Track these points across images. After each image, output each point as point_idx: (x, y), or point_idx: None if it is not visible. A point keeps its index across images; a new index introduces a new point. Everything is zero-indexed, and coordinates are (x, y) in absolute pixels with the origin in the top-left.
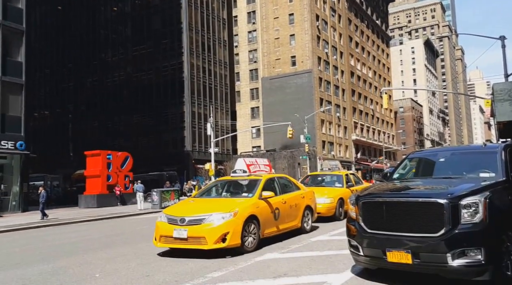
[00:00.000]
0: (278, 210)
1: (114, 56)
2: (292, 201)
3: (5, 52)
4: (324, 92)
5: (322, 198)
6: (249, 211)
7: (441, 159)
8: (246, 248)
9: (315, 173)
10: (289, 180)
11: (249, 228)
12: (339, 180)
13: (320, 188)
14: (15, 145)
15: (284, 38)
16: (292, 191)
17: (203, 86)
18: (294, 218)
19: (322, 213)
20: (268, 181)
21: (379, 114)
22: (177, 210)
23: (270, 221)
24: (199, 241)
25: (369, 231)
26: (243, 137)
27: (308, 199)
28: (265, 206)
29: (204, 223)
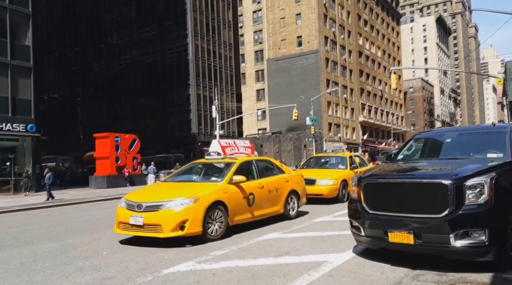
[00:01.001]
0: (253, 196)
1: (120, 39)
2: (272, 186)
3: (13, 36)
4: (331, 73)
5: (325, 180)
6: (213, 197)
7: (447, 139)
8: (210, 236)
9: (319, 155)
10: (272, 163)
11: (213, 215)
12: (343, 162)
13: (323, 170)
14: (26, 128)
15: (290, 17)
16: (274, 175)
17: (208, 68)
18: (275, 204)
19: (324, 195)
20: (243, 164)
21: (388, 95)
22: (138, 196)
23: (242, 207)
24: (155, 229)
25: (371, 212)
26: (249, 120)
27: (293, 183)
28: (236, 191)
29: (162, 209)
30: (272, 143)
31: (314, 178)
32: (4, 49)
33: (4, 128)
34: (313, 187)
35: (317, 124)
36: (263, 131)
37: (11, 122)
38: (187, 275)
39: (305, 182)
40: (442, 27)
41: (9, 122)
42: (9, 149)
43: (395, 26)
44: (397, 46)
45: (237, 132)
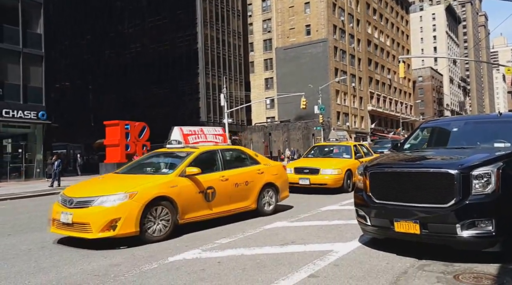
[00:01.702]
0: (212, 190)
1: (130, 28)
2: (240, 178)
3: (25, 24)
4: (339, 62)
5: (329, 169)
6: (155, 191)
7: (454, 128)
8: (150, 236)
9: (322, 144)
10: (243, 153)
11: (156, 213)
12: (347, 151)
13: (327, 159)
14: (37, 115)
15: (298, 6)
16: (244, 166)
17: (217, 57)
18: (244, 198)
19: (329, 184)
20: (203, 154)
21: (397, 83)
22: (75, 189)
23: (196, 203)
24: (84, 228)
25: (377, 202)
26: (257, 108)
27: (270, 175)
28: (188, 185)
29: (92, 206)
30: (281, 131)
31: (318, 167)
32: (16, 37)
33: (15, 115)
34: (317, 177)
35: (325, 113)
36: (272, 119)
37: (22, 110)
38: (193, 263)
39: (309, 171)
40: (452, 16)
41: (20, 109)
42: (20, 136)
43: (404, 15)
44: (406, 35)
45: (246, 120)
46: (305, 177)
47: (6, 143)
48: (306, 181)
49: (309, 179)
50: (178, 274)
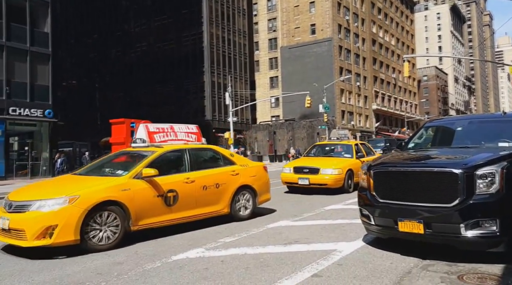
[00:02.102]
0: (174, 193)
1: (136, 27)
2: (210, 180)
3: (32, 23)
4: (344, 61)
5: (329, 169)
6: (101, 196)
7: (458, 128)
8: (94, 245)
9: (323, 143)
10: (216, 153)
11: (102, 219)
12: (348, 150)
13: (327, 159)
14: (43, 113)
15: (303, 5)
16: (216, 167)
17: (223, 55)
18: (215, 202)
19: (329, 184)
20: (167, 154)
21: (402, 83)
22: (20, 192)
23: (154, 207)
24: (19, 235)
25: (381, 201)
26: (262, 107)
27: (247, 176)
28: (144, 188)
29: (29, 211)
30: (286, 130)
31: (318, 166)
32: (23, 36)
33: (22, 113)
34: (317, 177)
35: (330, 112)
36: (277, 118)
37: (29, 108)
38: (196, 261)
39: (309, 171)
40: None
41: (27, 107)
42: (27, 134)
43: (409, 14)
44: (411, 34)
45: (251, 119)
46: (304, 176)
47: (12, 141)
48: (305, 181)
49: (309, 179)
50: (181, 273)
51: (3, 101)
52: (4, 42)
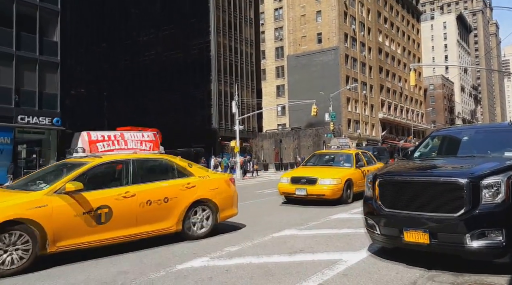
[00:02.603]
0: (107, 209)
1: (145, 36)
2: (155, 194)
3: (42, 32)
4: (350, 70)
5: (328, 179)
6: (7, 214)
7: (465, 137)
8: None
9: (322, 152)
10: (170, 164)
11: (8, 240)
12: (348, 159)
13: (326, 168)
14: (51, 121)
15: (310, 15)
16: (167, 179)
17: (230, 64)
18: (161, 218)
19: (327, 195)
20: (103, 166)
21: (408, 91)
22: None
23: (80, 226)
24: None
25: (386, 210)
26: (269, 115)
27: (205, 190)
28: (67, 204)
29: None
30: (292, 138)
31: (315, 177)
32: (33, 45)
33: (31, 121)
34: (314, 187)
35: (336, 120)
36: (283, 126)
37: (37, 116)
38: (200, 271)
39: (306, 181)
40: (463, 25)
41: (35, 115)
42: (35, 142)
43: (415, 24)
44: (417, 43)
45: (257, 127)
46: (302, 187)
47: (21, 149)
48: (302, 192)
49: (306, 189)
50: (186, 282)
51: (12, 109)
52: (14, 51)
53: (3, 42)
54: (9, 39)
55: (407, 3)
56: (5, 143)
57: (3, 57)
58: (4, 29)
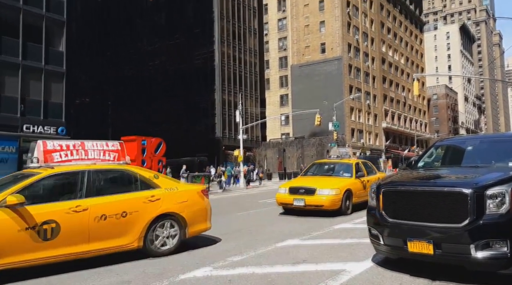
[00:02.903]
0: (53, 224)
1: (149, 45)
2: (113, 208)
3: (48, 42)
4: (354, 79)
5: (326, 190)
6: None
7: (469, 147)
8: None
9: (321, 161)
10: (133, 175)
11: None
12: (348, 169)
13: (325, 178)
14: (56, 130)
15: (313, 25)
16: (129, 191)
17: (234, 74)
18: (118, 234)
19: (325, 206)
20: (52, 177)
21: (411, 101)
22: None
23: (21, 242)
24: None
25: (390, 220)
26: (272, 124)
27: (172, 203)
28: (6, 219)
29: None
30: (295, 148)
31: (314, 187)
32: (39, 55)
33: (36, 130)
34: (313, 198)
35: (339, 130)
36: (286, 136)
37: (42, 125)
38: (203, 281)
39: (304, 191)
40: (466, 35)
41: (40, 124)
42: None
43: (419, 34)
44: (421, 53)
45: (261, 136)
46: (300, 197)
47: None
48: (301, 202)
49: (304, 200)
50: None
51: (18, 118)
52: (20, 60)
53: (9, 52)
54: (15, 49)
55: (410, 14)
56: (10, 152)
57: (10, 67)
58: (11, 39)
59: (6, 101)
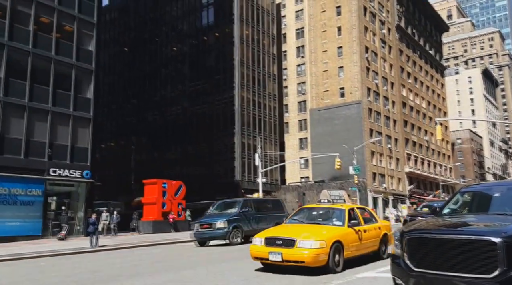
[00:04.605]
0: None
1: (172, 92)
2: None
3: (76, 89)
4: (374, 123)
5: (308, 241)
6: None
7: (496, 194)
8: None
9: (310, 206)
10: None
11: None
12: (340, 216)
13: (310, 227)
14: (82, 174)
15: (332, 70)
16: None
17: (253, 118)
18: None
19: (307, 262)
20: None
21: (435, 145)
22: None
23: None
24: None
25: (415, 270)
26: (292, 168)
27: None
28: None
29: None
30: (315, 191)
31: (293, 237)
32: (67, 102)
33: (62, 173)
34: (291, 251)
35: (360, 174)
36: (306, 179)
37: (68, 168)
38: None
39: (282, 243)
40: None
41: (67, 168)
42: (65, 194)
43: (440, 78)
44: (442, 97)
45: (280, 180)
46: (276, 250)
47: (51, 201)
48: (277, 257)
49: (282, 253)
50: None
51: (45, 162)
52: (49, 107)
53: (40, 99)
54: (45, 96)
55: (431, 59)
56: (37, 195)
57: (40, 112)
58: (42, 87)
59: (34, 145)
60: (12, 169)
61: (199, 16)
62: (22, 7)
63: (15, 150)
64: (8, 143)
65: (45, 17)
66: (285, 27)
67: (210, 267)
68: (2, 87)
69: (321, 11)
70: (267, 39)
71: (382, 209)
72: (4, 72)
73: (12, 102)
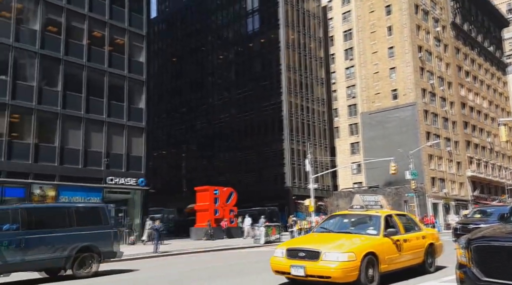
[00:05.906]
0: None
1: (219, 100)
2: None
3: (130, 100)
4: (430, 125)
5: (335, 253)
6: None
7: None
8: None
9: (342, 213)
10: None
11: None
12: (375, 224)
13: (340, 236)
14: (137, 181)
15: (383, 72)
16: None
17: (302, 123)
18: None
19: (333, 277)
20: None
21: (499, 147)
22: None
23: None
24: None
25: (484, 279)
26: (344, 173)
27: None
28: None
29: None
30: None
31: (317, 249)
32: (121, 112)
33: (118, 182)
34: (315, 264)
35: (418, 179)
36: (359, 185)
37: (124, 177)
38: None
39: (305, 255)
40: None
41: (123, 176)
42: (122, 201)
43: (501, 76)
44: (505, 96)
45: (332, 185)
46: (299, 263)
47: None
48: (300, 271)
49: (305, 267)
50: None
51: (102, 171)
52: (104, 118)
53: (96, 111)
54: (100, 108)
55: (490, 56)
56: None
57: (96, 124)
58: (97, 98)
59: (92, 155)
60: (72, 179)
61: (244, 23)
62: (76, 23)
63: (74, 160)
64: (68, 154)
65: (97, 31)
66: (332, 29)
67: None
68: (60, 100)
69: (370, 12)
70: (313, 42)
71: (443, 215)
72: (62, 85)
73: (70, 114)
